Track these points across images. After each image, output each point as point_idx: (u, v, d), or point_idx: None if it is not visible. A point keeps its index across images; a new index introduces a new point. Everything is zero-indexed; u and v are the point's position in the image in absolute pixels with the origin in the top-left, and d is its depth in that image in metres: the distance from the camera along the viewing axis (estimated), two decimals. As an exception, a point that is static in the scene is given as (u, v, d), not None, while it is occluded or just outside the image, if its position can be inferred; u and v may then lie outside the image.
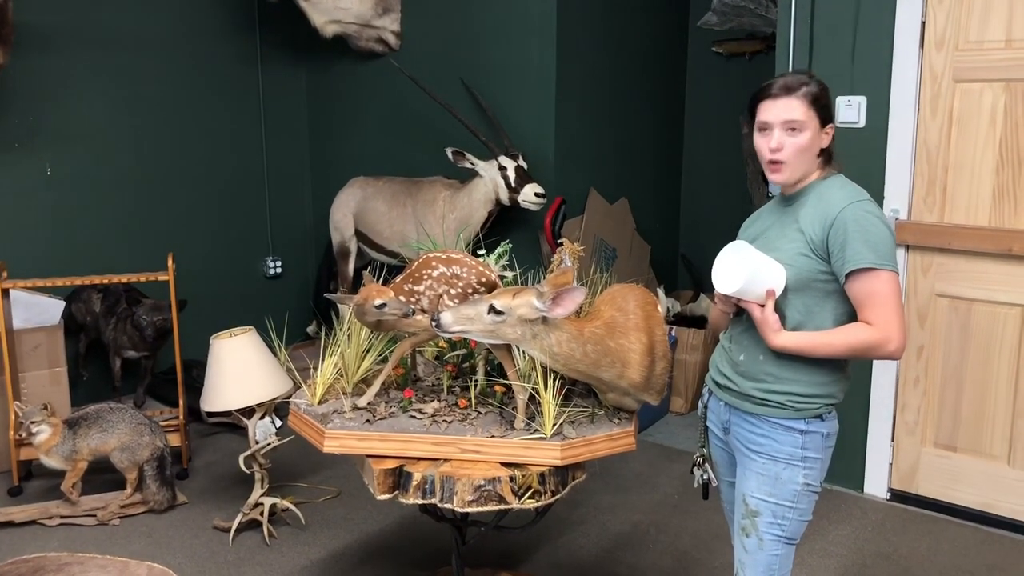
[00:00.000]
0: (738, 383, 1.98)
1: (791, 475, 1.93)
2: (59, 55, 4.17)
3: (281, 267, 5.22)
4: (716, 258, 1.91)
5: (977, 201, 3.17)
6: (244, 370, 3.09)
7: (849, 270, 1.83)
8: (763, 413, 1.94)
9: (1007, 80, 3.06)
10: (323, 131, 5.20)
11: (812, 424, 1.93)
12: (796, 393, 1.92)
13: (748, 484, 1.97)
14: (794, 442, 1.93)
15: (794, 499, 1.94)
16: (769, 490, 1.94)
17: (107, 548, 3.09)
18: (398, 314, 2.24)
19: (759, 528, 1.96)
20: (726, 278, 1.88)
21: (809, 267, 1.88)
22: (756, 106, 1.94)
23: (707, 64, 5.11)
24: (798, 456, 1.93)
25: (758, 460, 1.95)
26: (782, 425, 1.93)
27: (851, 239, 1.83)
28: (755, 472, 1.96)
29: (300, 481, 3.61)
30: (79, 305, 4.19)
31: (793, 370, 1.91)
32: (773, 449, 1.94)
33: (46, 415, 3.22)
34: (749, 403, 1.96)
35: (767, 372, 1.93)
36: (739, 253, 1.88)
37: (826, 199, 1.90)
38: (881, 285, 1.83)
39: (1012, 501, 3.23)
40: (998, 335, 3.19)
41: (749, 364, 1.96)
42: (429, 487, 2.07)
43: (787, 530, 1.96)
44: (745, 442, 1.98)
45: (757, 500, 1.95)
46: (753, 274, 1.84)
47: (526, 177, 3.99)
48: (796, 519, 1.97)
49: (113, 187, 4.43)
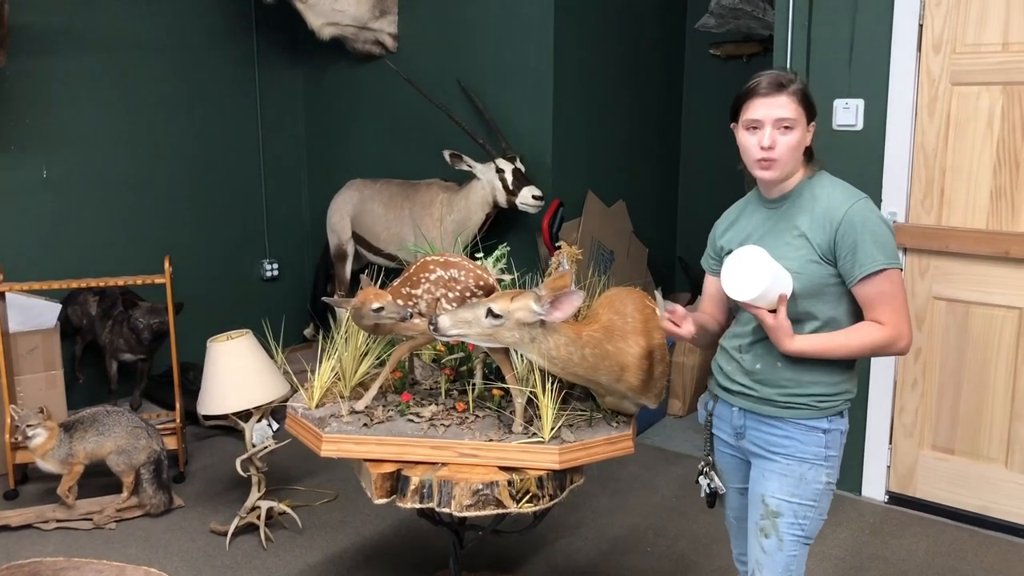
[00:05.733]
0: (757, 389, 1.97)
1: (815, 475, 1.94)
2: (56, 57, 4.16)
3: (278, 270, 5.21)
4: (727, 262, 1.87)
5: (974, 204, 3.18)
6: (241, 373, 3.09)
7: (864, 274, 1.84)
8: (787, 415, 1.94)
9: (1004, 83, 3.06)
10: (320, 133, 5.19)
11: (834, 422, 1.95)
12: (818, 393, 1.92)
13: (769, 485, 1.97)
14: (818, 442, 1.94)
15: (816, 499, 1.96)
16: (792, 491, 1.94)
17: (103, 552, 3.07)
18: (395, 318, 2.24)
19: (779, 529, 1.96)
20: (741, 285, 1.83)
21: (820, 273, 1.88)
22: (742, 104, 1.92)
23: (704, 66, 5.11)
24: (822, 456, 1.94)
25: (781, 461, 1.95)
26: (806, 426, 1.93)
27: (861, 242, 1.83)
28: (778, 473, 1.96)
29: (297, 484, 3.60)
30: (75, 308, 4.18)
31: (811, 372, 1.91)
32: (798, 450, 1.94)
33: (42, 418, 3.20)
34: (770, 407, 1.95)
35: (787, 378, 1.93)
36: (754, 259, 1.83)
37: (823, 200, 1.89)
38: (890, 285, 1.85)
39: (1009, 504, 3.23)
40: (995, 338, 3.19)
41: (767, 372, 1.95)
42: (427, 491, 2.06)
43: (807, 530, 1.97)
44: (765, 445, 1.98)
45: (779, 501, 1.95)
46: (772, 281, 1.81)
47: (524, 180, 3.98)
48: (816, 518, 1.98)
49: (110, 189, 4.42)
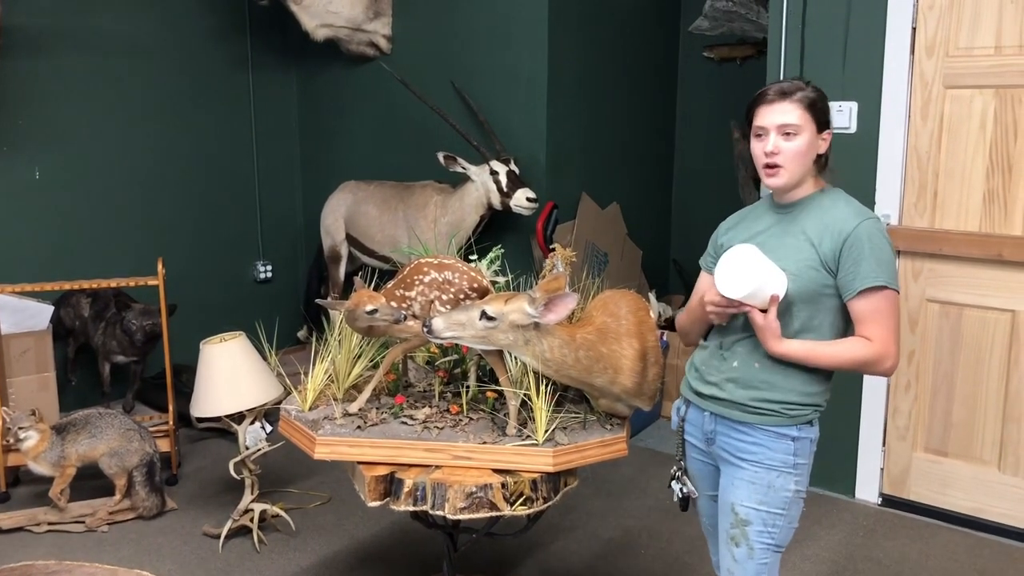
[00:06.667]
0: (728, 391, 1.96)
1: (784, 483, 1.93)
2: (49, 59, 4.15)
3: (271, 271, 5.20)
4: (721, 260, 1.87)
5: (967, 206, 3.19)
6: (234, 375, 3.08)
7: (862, 288, 1.84)
8: (755, 421, 1.93)
9: (997, 86, 3.07)
10: (314, 135, 5.18)
11: (803, 430, 1.93)
12: (789, 401, 1.92)
13: (738, 493, 1.96)
14: (787, 449, 1.92)
15: (785, 507, 1.95)
16: (760, 498, 1.93)
17: (96, 555, 3.06)
18: (389, 320, 2.23)
19: (749, 537, 1.95)
20: (733, 282, 1.83)
21: (817, 280, 1.88)
22: (752, 113, 1.94)
23: (698, 69, 5.12)
24: (791, 463, 1.93)
25: (749, 469, 1.94)
26: (775, 432, 1.92)
27: (865, 256, 1.84)
28: (746, 481, 1.95)
29: (290, 487, 3.59)
30: (68, 310, 4.17)
31: (788, 378, 1.91)
32: (766, 457, 1.93)
33: (34, 421, 3.19)
34: (739, 411, 1.95)
35: (762, 380, 1.92)
36: (747, 257, 1.84)
37: (833, 213, 1.90)
38: (886, 304, 1.86)
39: (1002, 506, 3.24)
40: (988, 340, 3.20)
41: (743, 371, 1.95)
42: (420, 494, 2.06)
43: (776, 538, 1.96)
44: (734, 451, 1.97)
45: (748, 509, 1.95)
46: (764, 280, 1.81)
47: (518, 182, 3.98)
48: (786, 526, 1.97)
49: (102, 191, 4.40)
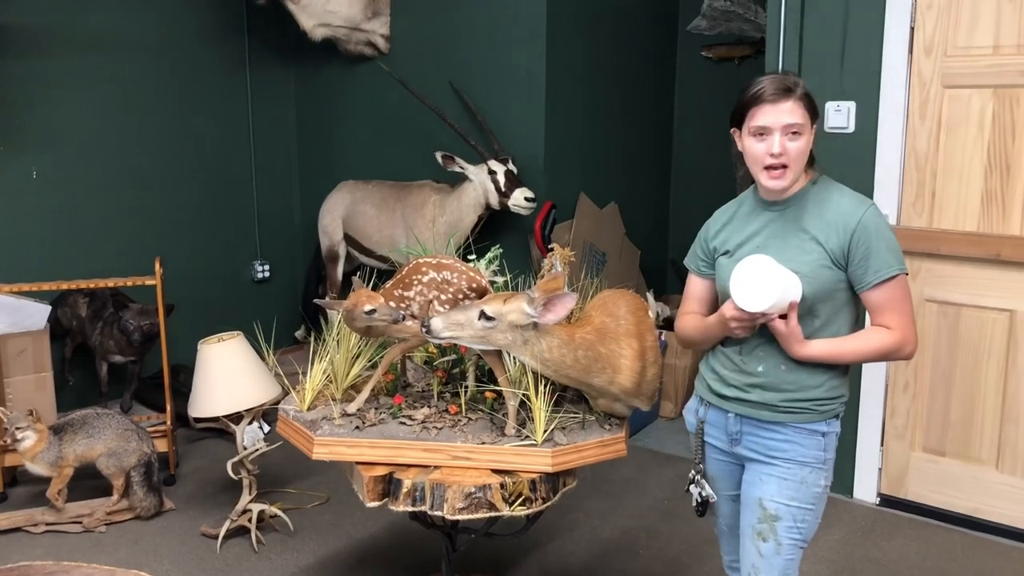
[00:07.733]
0: (756, 395, 1.96)
1: (815, 478, 1.95)
2: (45, 58, 4.14)
3: (269, 271, 5.19)
4: (733, 275, 1.83)
5: (966, 206, 3.19)
6: (232, 375, 3.08)
7: (878, 280, 1.85)
8: (787, 420, 1.94)
9: (995, 86, 3.07)
10: (312, 135, 5.18)
11: (831, 425, 1.96)
12: (819, 398, 1.93)
13: (767, 488, 1.96)
14: (818, 445, 1.94)
15: (814, 501, 1.97)
16: (792, 494, 1.94)
17: (93, 556, 3.06)
18: (388, 320, 2.23)
19: (778, 533, 1.96)
20: (753, 296, 1.80)
21: (831, 278, 1.88)
22: (747, 111, 1.88)
23: (696, 68, 5.12)
24: (821, 459, 1.95)
25: (782, 465, 1.95)
26: (807, 429, 1.94)
27: (875, 247, 1.85)
28: (777, 477, 1.95)
29: (288, 487, 3.59)
30: (65, 309, 4.16)
31: (814, 375, 1.92)
32: (799, 454, 1.94)
33: (31, 421, 3.18)
34: (770, 412, 1.94)
35: (790, 381, 1.93)
36: (763, 268, 1.80)
37: (832, 207, 1.89)
38: (900, 291, 1.88)
39: (1000, 506, 3.24)
40: (986, 340, 3.20)
41: (770, 376, 1.94)
42: (419, 494, 2.05)
43: (804, 533, 1.98)
44: (764, 450, 1.97)
45: (778, 504, 1.95)
46: (783, 289, 1.79)
47: (516, 181, 3.98)
48: (813, 521, 1.99)
49: (100, 191, 4.40)
